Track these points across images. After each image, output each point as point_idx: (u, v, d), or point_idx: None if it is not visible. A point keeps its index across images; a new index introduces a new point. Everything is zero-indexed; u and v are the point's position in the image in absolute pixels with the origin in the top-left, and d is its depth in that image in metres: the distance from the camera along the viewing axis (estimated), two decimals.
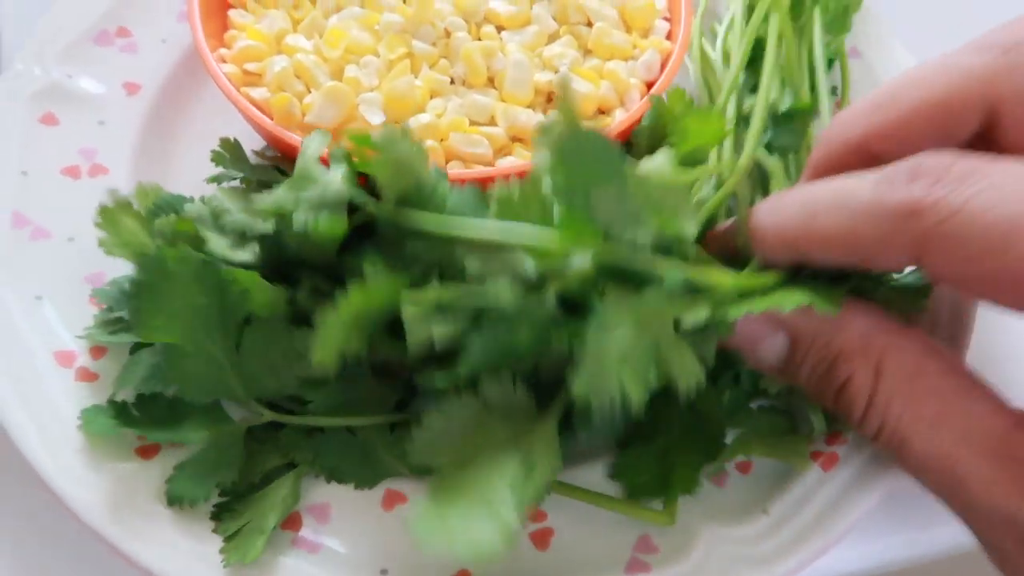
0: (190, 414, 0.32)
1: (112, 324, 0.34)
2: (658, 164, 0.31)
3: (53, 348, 0.35)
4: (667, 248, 0.28)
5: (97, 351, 0.35)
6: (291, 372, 0.31)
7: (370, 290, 0.28)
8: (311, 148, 0.32)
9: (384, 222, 0.31)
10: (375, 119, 0.37)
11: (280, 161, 0.40)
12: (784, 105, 0.41)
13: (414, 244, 0.30)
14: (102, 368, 0.34)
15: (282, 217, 0.31)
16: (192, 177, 0.39)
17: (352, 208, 0.31)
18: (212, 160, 0.37)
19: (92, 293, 0.35)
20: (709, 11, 0.48)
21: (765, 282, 0.30)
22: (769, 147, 0.39)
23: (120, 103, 0.43)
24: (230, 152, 0.38)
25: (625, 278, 0.28)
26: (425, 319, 0.27)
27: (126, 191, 0.39)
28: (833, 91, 0.48)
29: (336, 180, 0.30)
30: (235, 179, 0.38)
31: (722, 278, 0.29)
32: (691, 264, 0.29)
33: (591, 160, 0.26)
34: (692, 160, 0.33)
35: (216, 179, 0.38)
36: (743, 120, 0.41)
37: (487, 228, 0.28)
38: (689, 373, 0.27)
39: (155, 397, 0.32)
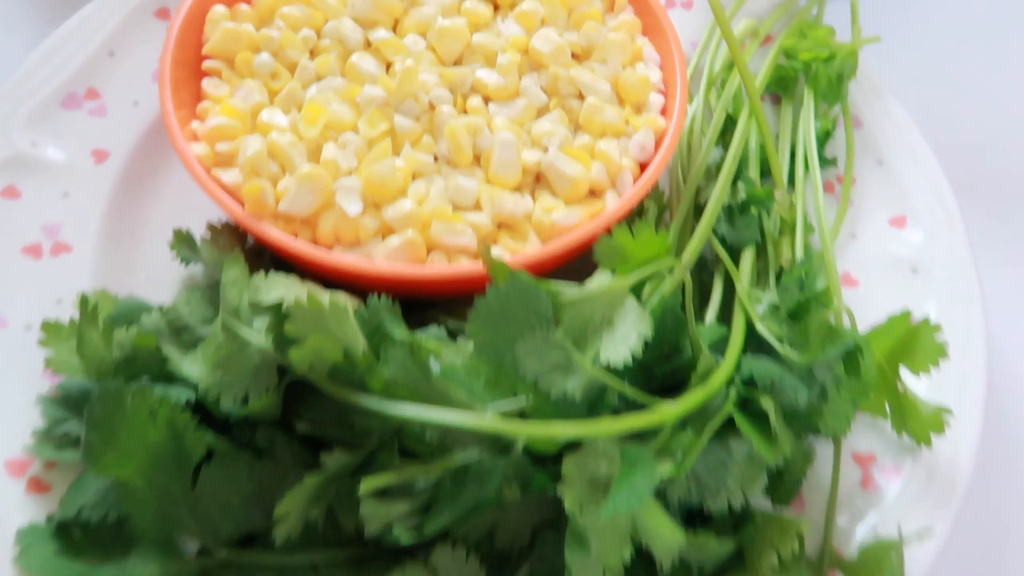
0: (139, 544, 0.30)
1: (59, 439, 0.32)
2: (594, 284, 0.29)
3: (5, 456, 0.33)
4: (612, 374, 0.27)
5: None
6: (249, 511, 0.29)
7: (326, 474, 0.27)
8: (230, 292, 0.30)
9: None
10: (353, 208, 0.35)
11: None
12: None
13: (356, 417, 0.28)
14: (55, 479, 0.32)
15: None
16: (160, 254, 0.37)
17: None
18: (171, 248, 0.36)
19: (37, 401, 0.33)
20: (699, 69, 0.46)
21: (705, 398, 0.28)
22: (723, 241, 0.37)
23: (87, 173, 0.41)
24: (184, 243, 0.36)
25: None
26: (382, 507, 0.26)
27: (89, 271, 0.38)
28: (833, 162, 0.46)
29: (259, 340, 0.29)
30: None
31: (664, 411, 0.28)
32: (626, 410, 0.28)
33: (514, 311, 0.25)
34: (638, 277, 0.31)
35: (184, 259, 0.36)
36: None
37: (425, 413, 0.27)
38: (668, 539, 0.25)
39: (102, 522, 0.30)
